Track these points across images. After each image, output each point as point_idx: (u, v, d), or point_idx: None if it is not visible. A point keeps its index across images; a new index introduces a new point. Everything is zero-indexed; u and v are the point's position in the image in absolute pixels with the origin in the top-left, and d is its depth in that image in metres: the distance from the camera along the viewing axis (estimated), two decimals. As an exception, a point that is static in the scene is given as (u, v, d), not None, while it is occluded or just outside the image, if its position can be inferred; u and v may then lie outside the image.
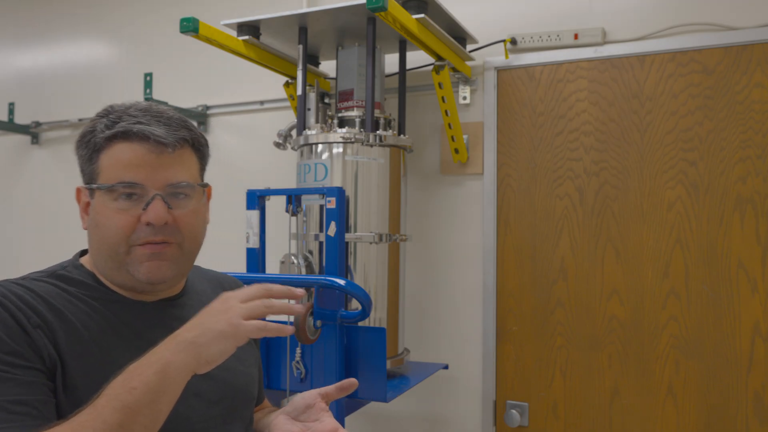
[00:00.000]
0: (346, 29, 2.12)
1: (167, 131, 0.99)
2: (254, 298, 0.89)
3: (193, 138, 1.03)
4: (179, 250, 1.02)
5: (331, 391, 1.10)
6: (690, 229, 2.11)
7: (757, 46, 2.04)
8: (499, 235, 2.35)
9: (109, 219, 0.98)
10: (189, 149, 1.04)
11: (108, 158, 0.98)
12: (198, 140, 1.05)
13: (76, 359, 0.92)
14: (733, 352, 2.05)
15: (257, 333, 0.85)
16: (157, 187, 0.98)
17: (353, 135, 2.02)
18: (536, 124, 2.31)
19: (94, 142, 1.00)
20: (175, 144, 0.99)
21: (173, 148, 0.99)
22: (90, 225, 1.02)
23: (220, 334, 0.84)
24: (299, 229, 2.07)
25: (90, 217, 1.01)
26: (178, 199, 1.01)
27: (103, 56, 3.19)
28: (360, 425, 2.50)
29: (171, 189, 1.00)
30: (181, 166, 1.01)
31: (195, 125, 1.06)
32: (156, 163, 0.98)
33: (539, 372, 2.28)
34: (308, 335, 1.71)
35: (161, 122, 0.99)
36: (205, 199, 1.09)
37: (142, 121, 0.98)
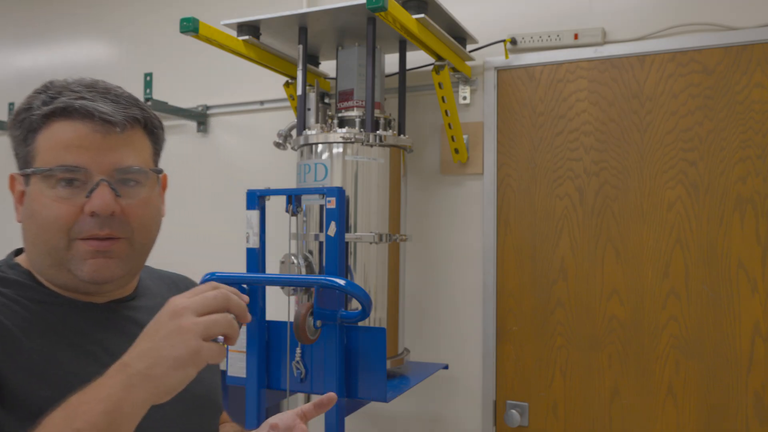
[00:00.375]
0: (346, 29, 2.11)
1: (115, 108, 0.86)
2: (211, 310, 0.73)
3: (145, 118, 0.91)
4: (128, 246, 0.87)
5: (309, 409, 1.02)
6: (690, 229, 2.11)
7: (757, 46, 2.04)
8: (499, 235, 2.35)
9: (46, 208, 0.83)
10: (140, 130, 0.91)
11: (46, 139, 0.84)
12: (151, 120, 0.93)
13: (16, 372, 0.77)
14: (733, 352, 2.05)
15: (220, 358, 0.72)
16: (103, 171, 0.84)
17: (353, 135, 2.02)
18: (536, 124, 2.31)
19: (30, 121, 0.85)
20: (125, 123, 0.86)
21: (122, 127, 0.86)
22: (24, 216, 0.87)
23: (177, 361, 0.69)
24: (299, 229, 2.07)
25: (24, 208, 0.87)
26: (127, 187, 0.87)
27: (103, 56, 3.19)
28: (360, 425, 2.50)
29: (119, 175, 0.86)
30: (131, 149, 0.88)
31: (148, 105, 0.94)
32: (102, 144, 0.84)
33: (539, 372, 2.28)
34: (308, 335, 1.71)
35: (108, 99, 0.87)
36: (160, 188, 0.96)
37: (85, 97, 0.85)
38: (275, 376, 1.88)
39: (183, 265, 1.74)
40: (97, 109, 0.84)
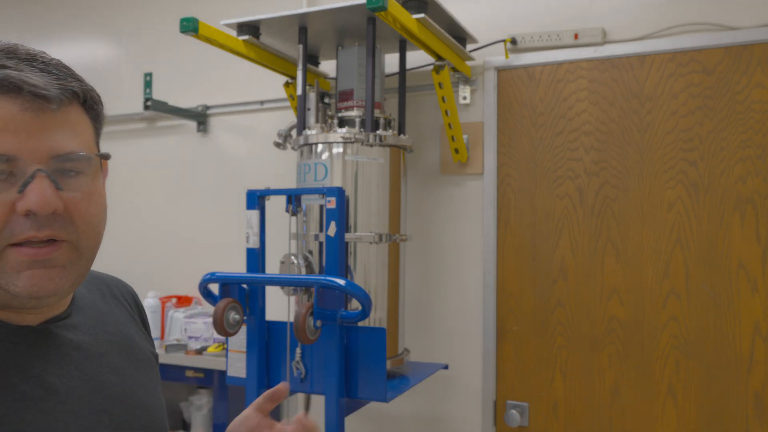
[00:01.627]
0: (346, 29, 2.11)
1: (48, 80, 0.68)
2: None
3: (84, 91, 0.74)
4: (74, 251, 0.71)
5: (262, 402, 0.97)
6: (690, 229, 2.11)
7: (757, 46, 2.04)
8: (499, 235, 2.35)
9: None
10: (79, 106, 0.74)
11: None
12: (90, 94, 0.76)
13: None
14: (733, 352, 2.05)
15: None
16: (39, 160, 0.67)
17: (353, 135, 2.02)
18: (536, 124, 2.31)
19: None
20: (61, 98, 0.69)
21: (58, 103, 0.69)
22: None
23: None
24: (299, 229, 2.07)
25: None
26: (68, 178, 0.70)
27: (103, 56, 3.19)
28: (360, 425, 2.50)
29: (58, 163, 0.69)
30: (71, 131, 0.71)
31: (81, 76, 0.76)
32: (34, 125, 0.67)
33: (539, 372, 2.28)
34: (308, 335, 1.71)
35: (36, 68, 0.69)
36: (103, 176, 0.77)
37: (7, 65, 0.67)
38: (275, 376, 1.88)
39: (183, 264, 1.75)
40: (27, 81, 0.66)
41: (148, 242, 2.95)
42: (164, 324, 2.66)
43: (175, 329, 2.59)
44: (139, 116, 3.01)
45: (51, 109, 0.68)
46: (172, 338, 2.58)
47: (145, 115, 2.97)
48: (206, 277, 1.85)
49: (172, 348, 2.47)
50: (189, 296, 2.76)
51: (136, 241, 2.94)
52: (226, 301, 1.72)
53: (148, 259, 2.91)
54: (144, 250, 2.95)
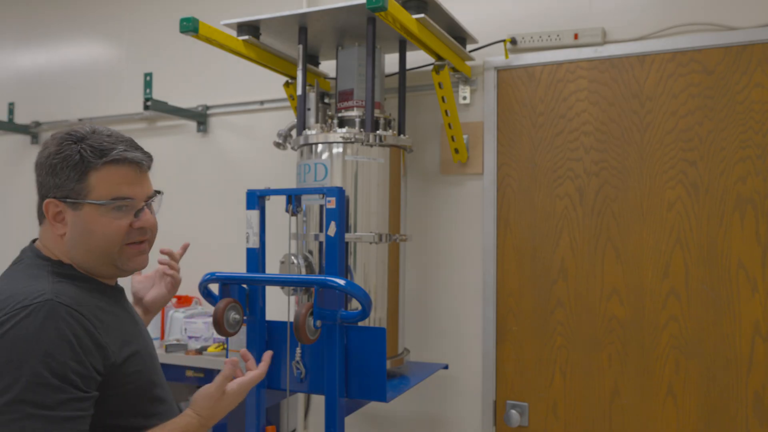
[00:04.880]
0: (346, 29, 2.11)
1: (142, 155, 1.24)
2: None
3: (151, 158, 1.28)
4: (149, 245, 1.30)
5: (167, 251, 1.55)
6: (690, 229, 2.11)
7: (757, 46, 2.04)
8: (499, 235, 2.35)
9: (106, 227, 1.20)
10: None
11: (101, 179, 1.19)
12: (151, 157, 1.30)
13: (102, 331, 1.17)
14: (733, 352, 2.05)
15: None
16: (142, 198, 1.24)
17: (353, 135, 2.02)
18: (536, 124, 2.31)
19: (85, 166, 1.18)
20: (148, 165, 1.26)
21: (147, 168, 1.27)
22: (77, 232, 1.20)
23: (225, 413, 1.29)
24: (299, 229, 2.07)
25: (75, 226, 1.20)
26: (151, 207, 1.29)
27: (103, 56, 3.19)
28: (360, 425, 2.50)
29: (149, 199, 1.27)
30: (149, 181, 1.28)
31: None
32: (139, 180, 1.24)
33: (539, 372, 2.28)
34: (308, 335, 1.71)
35: (136, 148, 1.24)
36: None
37: (125, 149, 1.21)
38: (275, 376, 1.88)
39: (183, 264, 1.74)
40: (137, 157, 1.22)
41: (148, 242, 2.95)
42: (164, 324, 2.66)
43: (175, 329, 2.59)
44: (139, 116, 3.01)
45: (144, 170, 1.26)
46: (172, 338, 2.58)
47: (145, 115, 2.97)
48: (206, 277, 1.85)
49: (172, 348, 2.47)
50: (189, 296, 2.76)
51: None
52: (226, 301, 1.72)
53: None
54: (144, 250, 2.95)
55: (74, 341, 1.08)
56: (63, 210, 1.19)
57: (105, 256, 1.22)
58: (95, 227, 1.19)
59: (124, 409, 1.18)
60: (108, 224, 1.20)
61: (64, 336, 1.07)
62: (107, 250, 1.21)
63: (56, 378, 1.05)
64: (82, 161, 1.17)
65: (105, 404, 1.13)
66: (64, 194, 1.18)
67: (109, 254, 1.22)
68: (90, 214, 1.19)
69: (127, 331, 1.23)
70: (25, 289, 1.12)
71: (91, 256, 1.22)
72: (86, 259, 1.22)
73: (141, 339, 1.28)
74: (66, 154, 1.18)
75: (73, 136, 1.19)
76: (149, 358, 1.28)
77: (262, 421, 1.87)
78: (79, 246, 1.21)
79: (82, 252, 1.22)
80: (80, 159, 1.17)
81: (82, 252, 1.22)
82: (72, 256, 1.23)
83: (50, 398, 1.04)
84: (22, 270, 1.21)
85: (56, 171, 1.18)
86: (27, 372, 1.04)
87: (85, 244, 1.21)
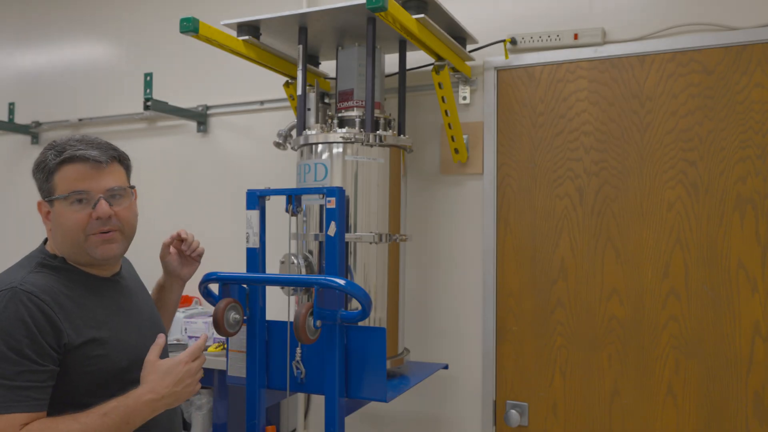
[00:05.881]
0: (346, 29, 2.11)
1: (100, 152, 1.37)
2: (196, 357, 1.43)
3: (119, 155, 1.43)
4: (121, 235, 1.42)
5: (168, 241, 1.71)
6: (690, 229, 2.11)
7: (757, 46, 2.04)
8: (499, 235, 2.35)
9: (68, 219, 1.36)
10: (117, 163, 1.43)
11: (60, 178, 1.36)
12: (122, 156, 1.45)
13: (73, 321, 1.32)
14: (733, 352, 2.05)
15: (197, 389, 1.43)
16: (100, 192, 1.37)
17: (353, 135, 2.02)
18: (536, 124, 2.31)
19: (48, 168, 1.36)
20: (107, 161, 1.38)
21: (106, 164, 1.38)
22: (54, 226, 1.39)
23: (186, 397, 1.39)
24: (299, 229, 2.07)
25: (52, 221, 1.39)
26: (115, 199, 1.40)
27: (103, 56, 3.19)
28: (360, 425, 2.50)
29: (109, 193, 1.38)
30: (113, 176, 1.40)
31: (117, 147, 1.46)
32: (96, 175, 1.37)
33: (539, 372, 2.28)
34: (308, 335, 1.71)
35: (94, 147, 1.38)
36: (134, 197, 1.47)
37: (81, 148, 1.36)
38: (275, 376, 1.88)
39: (183, 265, 1.75)
40: (91, 155, 1.36)
41: (148, 242, 2.94)
42: (165, 329, 2.66)
43: (175, 329, 2.59)
44: (139, 116, 3.01)
45: (102, 167, 1.38)
46: (172, 338, 2.57)
47: (145, 115, 2.97)
48: (206, 277, 1.85)
49: (172, 348, 2.46)
50: (189, 296, 2.76)
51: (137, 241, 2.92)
52: (226, 301, 1.72)
53: (148, 258, 2.90)
54: (144, 250, 2.94)
55: (30, 321, 1.25)
56: (48, 209, 1.39)
57: (75, 246, 1.38)
58: (63, 220, 1.36)
59: (94, 389, 1.32)
60: (70, 216, 1.36)
61: (20, 317, 1.24)
62: (75, 240, 1.37)
63: (13, 352, 1.22)
64: (47, 164, 1.37)
65: (71, 381, 1.30)
66: (44, 194, 1.39)
67: (77, 243, 1.37)
68: (58, 209, 1.37)
69: (95, 318, 1.36)
70: (3, 279, 1.33)
71: (66, 246, 1.39)
72: (66, 250, 1.40)
73: (116, 327, 1.40)
74: (40, 159, 1.39)
75: (51, 144, 1.39)
76: (121, 344, 1.39)
77: (262, 421, 1.87)
78: (57, 238, 1.40)
79: (60, 243, 1.40)
80: (46, 162, 1.37)
81: (60, 243, 1.40)
82: (60, 250, 1.41)
83: (9, 370, 1.22)
84: (19, 262, 1.42)
85: (36, 175, 1.39)
86: None
87: (61, 236, 1.38)
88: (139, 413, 1.30)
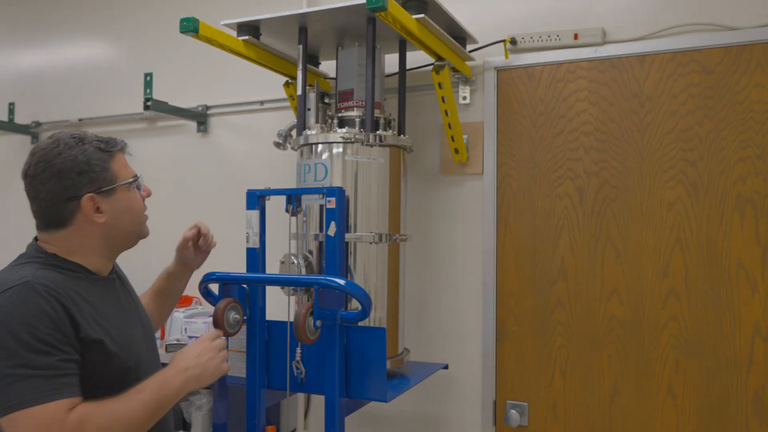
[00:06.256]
0: (346, 29, 2.11)
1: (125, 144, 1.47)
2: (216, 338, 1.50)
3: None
4: None
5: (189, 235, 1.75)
6: (690, 229, 2.11)
7: (757, 46, 2.04)
8: (499, 235, 2.35)
9: (136, 202, 1.44)
10: None
11: (116, 167, 1.40)
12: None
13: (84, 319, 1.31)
14: (733, 352, 2.05)
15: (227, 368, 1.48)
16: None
17: (353, 135, 2.02)
18: (536, 124, 2.31)
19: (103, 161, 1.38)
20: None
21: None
22: (115, 214, 1.39)
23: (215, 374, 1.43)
24: (299, 229, 2.07)
25: (110, 211, 1.39)
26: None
27: (103, 56, 3.19)
28: (360, 425, 2.50)
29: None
30: None
31: None
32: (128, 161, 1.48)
33: (539, 372, 2.28)
34: (308, 335, 1.71)
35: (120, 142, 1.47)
36: None
37: (111, 138, 1.44)
38: (275, 376, 1.88)
39: (183, 265, 1.75)
40: (126, 146, 1.47)
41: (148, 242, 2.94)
42: (164, 324, 2.66)
43: (175, 329, 2.59)
44: (139, 116, 3.01)
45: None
46: (172, 338, 2.57)
47: (145, 115, 2.97)
48: (206, 277, 1.85)
49: (172, 348, 2.46)
50: (189, 296, 2.76)
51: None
52: (226, 301, 1.72)
53: (148, 258, 2.90)
54: (144, 250, 2.94)
55: (53, 313, 1.24)
56: (98, 201, 1.37)
57: (138, 226, 1.47)
58: (131, 204, 1.43)
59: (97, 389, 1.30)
60: (136, 199, 1.45)
61: (42, 309, 1.23)
62: (140, 221, 1.47)
63: (42, 344, 1.21)
64: (98, 158, 1.37)
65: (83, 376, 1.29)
66: (98, 186, 1.36)
67: (141, 224, 1.47)
68: (121, 196, 1.41)
69: (103, 317, 1.36)
70: (11, 276, 1.30)
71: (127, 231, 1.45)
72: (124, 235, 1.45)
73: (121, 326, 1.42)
74: (82, 159, 1.35)
75: (71, 142, 1.37)
76: (127, 344, 1.40)
77: (262, 421, 1.87)
78: (119, 225, 1.41)
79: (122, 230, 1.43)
80: (99, 153, 1.38)
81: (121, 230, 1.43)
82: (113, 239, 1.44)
83: (42, 361, 1.21)
84: (18, 262, 1.39)
85: (83, 169, 1.35)
86: (14, 341, 1.20)
87: (126, 221, 1.43)
88: (170, 384, 1.33)
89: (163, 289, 1.77)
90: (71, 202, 1.35)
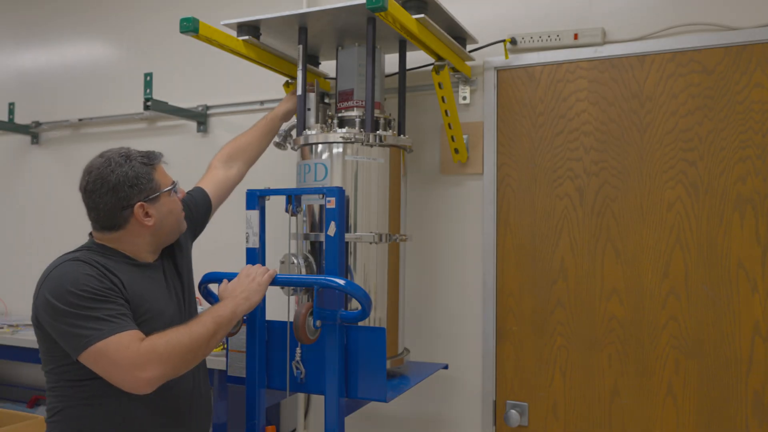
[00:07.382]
0: (346, 29, 2.11)
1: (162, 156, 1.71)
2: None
3: None
4: None
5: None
6: (690, 229, 2.11)
7: (757, 46, 2.04)
8: (499, 235, 2.35)
9: (177, 205, 1.69)
10: None
11: (159, 177, 1.65)
12: None
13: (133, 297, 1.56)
14: (733, 352, 2.05)
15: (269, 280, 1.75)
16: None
17: (353, 135, 2.02)
18: (536, 124, 2.32)
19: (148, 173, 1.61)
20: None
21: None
22: (161, 217, 1.63)
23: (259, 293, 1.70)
24: (299, 229, 2.07)
25: (157, 214, 1.62)
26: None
27: (103, 56, 3.19)
28: (360, 425, 2.50)
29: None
30: None
31: None
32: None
33: (539, 372, 2.28)
34: (308, 335, 1.71)
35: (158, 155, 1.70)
36: None
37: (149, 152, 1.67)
38: (275, 376, 1.88)
39: (183, 265, 1.74)
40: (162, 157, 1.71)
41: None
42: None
43: (175, 329, 2.58)
44: (139, 116, 3.01)
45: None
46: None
47: (145, 115, 2.97)
48: (206, 277, 1.85)
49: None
50: (189, 296, 2.76)
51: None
52: (226, 301, 1.72)
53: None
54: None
55: (100, 277, 1.49)
56: (146, 208, 1.60)
57: (179, 224, 1.71)
58: (173, 207, 1.67)
59: None
60: (177, 202, 1.69)
61: (90, 274, 1.48)
62: (180, 220, 1.71)
63: (98, 296, 1.45)
64: (144, 171, 1.61)
65: None
66: (146, 195, 1.60)
67: (181, 222, 1.71)
68: (165, 201, 1.64)
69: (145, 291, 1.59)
70: (65, 256, 1.56)
71: (169, 229, 1.68)
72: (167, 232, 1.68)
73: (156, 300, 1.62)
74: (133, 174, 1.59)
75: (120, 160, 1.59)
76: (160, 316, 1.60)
77: (262, 421, 1.87)
78: (163, 227, 1.66)
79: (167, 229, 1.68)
80: (144, 167, 1.61)
81: (166, 229, 1.67)
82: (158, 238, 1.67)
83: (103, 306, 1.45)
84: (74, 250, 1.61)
85: (133, 182, 1.58)
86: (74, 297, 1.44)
87: (171, 223, 1.67)
88: (222, 308, 1.58)
89: (272, 129, 2.24)
90: (125, 210, 1.58)
